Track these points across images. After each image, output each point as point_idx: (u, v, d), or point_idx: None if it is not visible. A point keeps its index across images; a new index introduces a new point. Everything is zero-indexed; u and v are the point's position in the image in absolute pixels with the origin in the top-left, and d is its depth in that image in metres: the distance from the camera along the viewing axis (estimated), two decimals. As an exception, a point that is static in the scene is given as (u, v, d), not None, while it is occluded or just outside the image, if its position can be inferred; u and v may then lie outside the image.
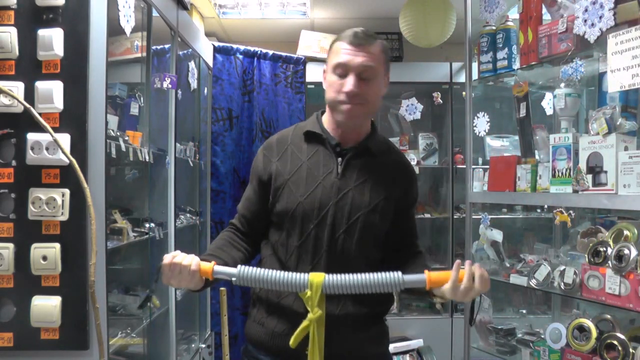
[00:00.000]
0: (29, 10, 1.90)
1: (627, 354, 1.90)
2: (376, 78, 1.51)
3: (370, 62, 1.48)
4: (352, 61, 1.48)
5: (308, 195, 1.50)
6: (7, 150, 1.91)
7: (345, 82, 1.48)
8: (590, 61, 2.10)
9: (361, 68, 1.47)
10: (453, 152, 4.14)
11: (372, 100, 1.52)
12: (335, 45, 1.53)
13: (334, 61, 1.52)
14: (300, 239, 1.50)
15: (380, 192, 1.53)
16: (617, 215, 2.19)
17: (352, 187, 1.51)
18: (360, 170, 1.53)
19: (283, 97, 3.76)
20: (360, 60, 1.47)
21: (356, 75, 1.48)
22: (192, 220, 3.36)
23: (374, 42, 1.50)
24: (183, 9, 2.94)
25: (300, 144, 1.58)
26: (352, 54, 1.48)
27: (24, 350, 1.91)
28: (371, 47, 1.49)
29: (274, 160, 1.57)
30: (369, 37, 1.50)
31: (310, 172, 1.52)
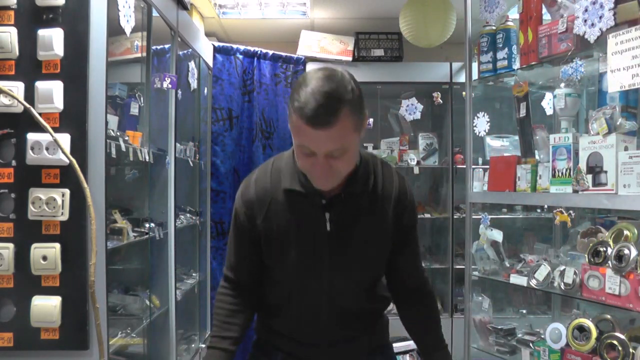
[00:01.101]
0: (29, 10, 1.91)
1: (627, 354, 1.90)
2: (348, 150, 1.28)
3: (337, 144, 1.25)
4: (316, 146, 1.25)
5: (301, 255, 1.41)
6: (7, 150, 1.91)
7: (314, 161, 1.28)
8: (590, 61, 2.10)
9: (329, 151, 1.26)
10: (453, 152, 4.14)
11: (347, 170, 1.34)
12: (295, 118, 1.24)
13: (296, 139, 1.28)
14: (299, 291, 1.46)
15: (375, 232, 1.43)
16: (617, 215, 2.19)
17: (345, 238, 1.40)
18: (350, 219, 1.40)
19: (283, 97, 3.76)
20: (325, 146, 1.25)
21: (324, 156, 1.27)
22: (192, 220, 3.36)
23: (338, 116, 1.21)
24: (183, 9, 2.94)
25: (282, 201, 1.41)
26: (315, 138, 1.23)
27: (24, 350, 1.91)
28: (336, 125, 1.22)
29: (258, 221, 1.42)
30: (330, 112, 1.21)
31: (300, 231, 1.40)
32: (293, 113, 1.25)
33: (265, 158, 3.68)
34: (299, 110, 1.22)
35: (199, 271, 3.48)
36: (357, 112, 1.27)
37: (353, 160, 1.34)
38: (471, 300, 2.64)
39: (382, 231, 1.44)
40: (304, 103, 1.21)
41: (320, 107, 1.20)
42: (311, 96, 1.21)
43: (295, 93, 1.25)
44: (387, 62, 4.16)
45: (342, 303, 1.46)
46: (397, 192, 1.46)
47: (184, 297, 3.11)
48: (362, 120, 1.31)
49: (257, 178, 1.45)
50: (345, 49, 4.10)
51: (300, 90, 1.24)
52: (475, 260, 2.62)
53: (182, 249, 3.17)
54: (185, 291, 3.15)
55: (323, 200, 1.39)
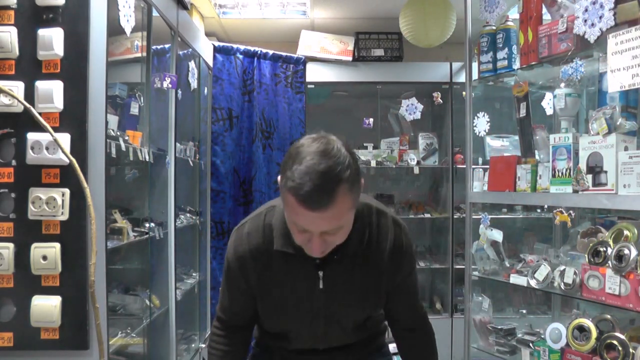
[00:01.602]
0: (29, 10, 1.91)
1: (627, 354, 1.90)
2: (344, 227, 1.25)
3: (334, 224, 1.20)
4: (311, 227, 1.20)
5: (295, 311, 1.42)
6: (7, 150, 1.91)
7: (308, 237, 1.23)
8: (590, 61, 2.10)
9: (323, 230, 1.22)
10: (453, 152, 4.14)
11: (342, 240, 1.29)
12: (289, 197, 1.17)
13: (290, 217, 1.23)
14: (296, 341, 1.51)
15: (368, 286, 1.41)
16: (617, 215, 2.18)
17: (339, 294, 1.39)
18: (342, 277, 1.38)
19: (283, 97, 3.76)
20: (320, 226, 1.20)
21: (320, 234, 1.22)
22: (192, 220, 3.36)
23: (335, 197, 1.15)
24: (183, 8, 2.94)
25: (274, 259, 1.38)
26: (311, 219, 1.17)
27: (24, 350, 1.91)
28: (332, 206, 1.15)
29: (252, 278, 1.40)
30: (327, 194, 1.14)
31: (294, 289, 1.39)
32: (287, 192, 1.16)
33: (265, 158, 3.68)
34: (293, 190, 1.15)
35: (199, 271, 3.48)
36: (354, 188, 1.19)
37: (347, 233, 1.29)
38: (471, 300, 2.64)
39: (376, 284, 1.42)
40: (299, 184, 1.13)
41: (316, 188, 1.13)
42: (306, 176, 1.13)
43: (289, 170, 1.16)
44: (387, 62, 4.17)
45: (338, 342, 1.50)
46: (392, 246, 1.40)
47: (184, 297, 3.11)
48: (359, 193, 1.25)
49: (249, 233, 1.40)
50: (345, 49, 4.10)
51: (294, 167, 1.15)
52: (475, 260, 2.62)
53: (182, 248, 3.17)
54: (185, 291, 3.15)
55: (317, 260, 1.35)
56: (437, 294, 4.35)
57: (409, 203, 4.46)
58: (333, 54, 4.08)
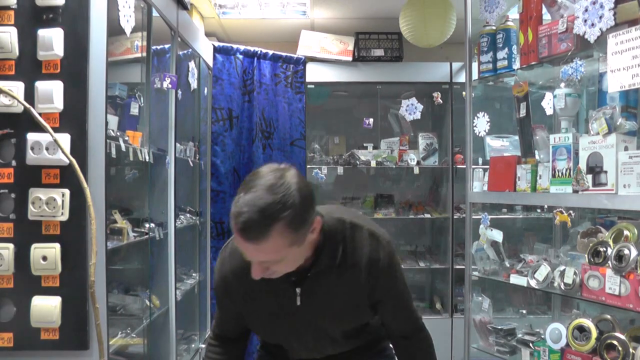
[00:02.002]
0: (29, 10, 1.90)
1: (627, 354, 1.90)
2: (285, 260, 1.25)
3: (269, 257, 1.22)
4: (248, 255, 1.24)
5: (279, 326, 1.46)
6: (7, 150, 1.91)
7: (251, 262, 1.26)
8: (590, 61, 2.10)
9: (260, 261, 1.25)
10: (453, 152, 4.14)
11: (288, 269, 1.30)
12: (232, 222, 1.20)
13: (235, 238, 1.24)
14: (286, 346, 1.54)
15: (347, 301, 1.41)
16: (617, 215, 2.19)
17: (318, 310, 1.40)
18: (319, 291, 1.39)
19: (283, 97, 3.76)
20: (256, 257, 1.23)
21: (259, 263, 1.25)
22: (192, 220, 3.36)
23: (268, 234, 1.16)
24: (183, 9, 2.94)
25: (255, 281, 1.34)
26: (246, 247, 1.21)
27: (24, 350, 1.91)
28: (265, 242, 1.17)
29: (237, 298, 1.44)
30: (260, 229, 1.16)
31: (275, 308, 1.42)
32: (230, 215, 1.20)
33: (265, 158, 3.68)
34: (233, 217, 1.18)
35: (199, 271, 3.48)
36: (294, 228, 1.19)
37: (293, 264, 1.29)
38: (471, 300, 2.64)
39: (355, 298, 1.41)
40: (238, 212, 1.16)
41: (251, 222, 1.15)
42: (246, 207, 1.15)
43: (238, 194, 1.19)
44: (387, 62, 4.17)
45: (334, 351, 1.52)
46: (368, 260, 1.38)
47: (184, 297, 3.11)
48: (304, 233, 1.24)
49: (230, 253, 1.42)
50: (345, 49, 4.10)
51: (241, 194, 1.18)
52: (475, 260, 2.62)
53: (182, 249, 3.17)
54: (185, 291, 3.15)
55: (292, 278, 1.36)
56: (437, 294, 4.36)
57: (409, 203, 4.46)
58: (333, 54, 4.08)
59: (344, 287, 1.38)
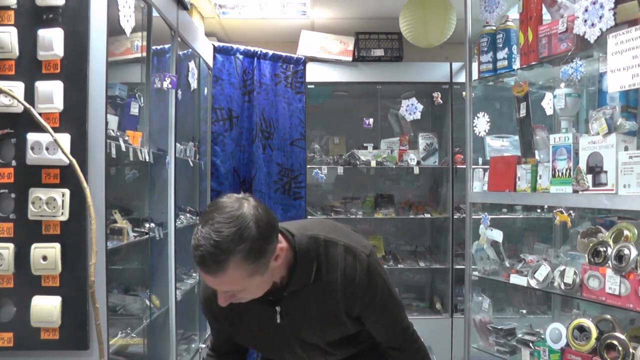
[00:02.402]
0: (29, 10, 1.91)
1: (627, 354, 1.90)
2: (247, 289, 1.26)
3: (228, 288, 1.24)
4: (209, 284, 1.27)
5: (265, 342, 1.48)
6: (7, 150, 1.91)
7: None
8: (590, 61, 2.10)
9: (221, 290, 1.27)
10: (453, 152, 4.14)
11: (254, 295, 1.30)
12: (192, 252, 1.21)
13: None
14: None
15: (328, 316, 1.41)
16: (617, 215, 2.18)
17: (299, 325, 1.42)
18: (298, 308, 1.39)
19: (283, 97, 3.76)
20: (217, 287, 1.26)
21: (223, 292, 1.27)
22: (192, 220, 3.36)
23: (225, 267, 1.17)
24: (183, 9, 2.94)
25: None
26: (205, 278, 1.23)
27: (24, 350, 1.91)
28: (222, 275, 1.18)
29: (220, 318, 1.47)
30: (216, 262, 1.16)
31: (257, 326, 1.44)
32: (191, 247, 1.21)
33: (265, 158, 3.68)
34: (192, 247, 1.19)
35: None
36: (252, 259, 1.19)
37: (259, 291, 1.30)
38: (471, 300, 2.64)
39: (335, 312, 1.40)
40: (196, 245, 1.17)
41: (208, 255, 1.16)
42: (204, 240, 1.16)
43: (199, 224, 1.20)
44: (387, 62, 4.17)
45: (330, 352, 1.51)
46: (343, 276, 1.37)
47: (184, 297, 3.11)
48: (264, 263, 1.23)
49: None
50: (345, 49, 4.10)
51: (200, 226, 1.19)
52: (475, 260, 2.62)
53: (182, 249, 3.16)
54: (185, 291, 3.15)
55: (270, 297, 1.36)
56: (437, 294, 4.35)
57: (409, 203, 4.46)
58: (333, 54, 4.07)
59: (321, 303, 1.39)
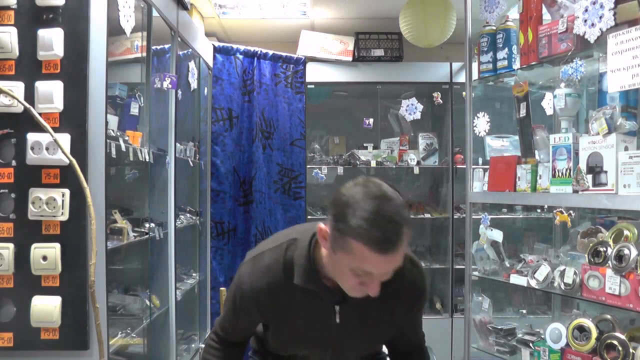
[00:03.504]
0: (29, 10, 1.91)
1: (627, 354, 1.90)
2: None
3: (399, 263, 1.22)
4: (379, 270, 1.21)
5: (307, 341, 1.45)
6: (7, 150, 1.91)
7: (367, 282, 1.24)
8: (590, 61, 2.10)
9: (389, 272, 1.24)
10: (453, 152, 4.14)
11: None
12: (357, 245, 1.16)
13: (353, 264, 1.20)
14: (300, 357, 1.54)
15: (382, 323, 1.43)
16: (617, 215, 2.19)
17: (353, 329, 1.41)
18: (358, 313, 1.39)
19: (283, 97, 3.76)
20: (388, 269, 1.22)
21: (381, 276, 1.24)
22: (192, 220, 3.36)
23: (404, 235, 1.17)
24: (183, 9, 2.94)
25: (293, 294, 1.38)
26: (380, 263, 1.18)
27: (24, 350, 1.91)
28: (402, 246, 1.17)
29: (266, 311, 1.42)
30: (399, 233, 1.16)
31: (308, 322, 1.41)
32: (353, 240, 1.16)
33: (265, 158, 3.68)
34: (362, 238, 1.15)
35: (199, 271, 3.48)
36: (412, 227, 1.20)
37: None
38: (471, 300, 2.64)
39: (389, 321, 1.44)
40: (369, 231, 1.14)
41: (389, 233, 1.14)
42: (375, 222, 1.14)
43: (350, 216, 1.16)
44: (387, 62, 4.16)
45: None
46: (409, 286, 1.41)
47: (184, 297, 3.11)
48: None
49: (268, 265, 1.38)
50: (345, 49, 4.10)
51: (356, 215, 1.15)
52: (475, 260, 2.62)
53: (182, 249, 3.17)
54: (185, 291, 3.15)
55: (336, 297, 1.36)
56: (437, 294, 4.35)
57: (409, 203, 4.46)
58: (333, 54, 4.07)
59: (381, 308, 1.39)
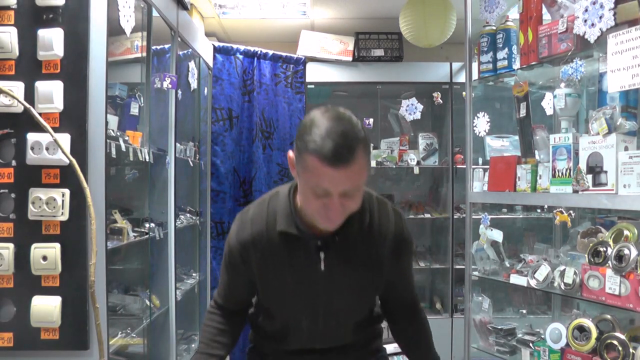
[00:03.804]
0: (29, 10, 1.91)
1: (627, 354, 1.90)
2: (360, 188, 1.29)
3: (355, 182, 1.24)
4: (334, 186, 1.23)
5: (295, 296, 1.44)
6: (7, 150, 1.91)
7: (327, 203, 1.26)
8: (590, 61, 2.10)
9: (345, 190, 1.25)
10: (453, 152, 4.14)
11: (357, 206, 1.32)
12: (309, 158, 1.21)
13: (309, 180, 1.24)
14: (294, 330, 1.50)
15: (369, 272, 1.43)
16: (617, 215, 2.19)
17: (340, 278, 1.41)
18: (344, 260, 1.40)
19: (283, 97, 3.76)
20: (343, 185, 1.23)
21: (339, 196, 1.25)
22: (192, 220, 3.36)
23: (357, 152, 1.21)
24: (183, 9, 2.94)
25: (277, 244, 1.40)
26: (334, 178, 1.21)
27: (24, 350, 1.91)
28: (355, 162, 1.21)
29: (253, 261, 1.42)
30: (351, 147, 1.20)
31: (294, 273, 1.41)
32: (308, 156, 1.21)
33: (265, 158, 3.68)
34: (316, 151, 1.19)
35: (199, 271, 3.48)
36: (368, 151, 1.27)
37: (360, 200, 1.32)
38: (471, 300, 2.64)
39: (377, 271, 1.44)
40: (321, 144, 1.19)
41: (338, 146, 1.19)
42: (328, 137, 1.19)
43: (307, 135, 1.22)
44: (387, 62, 4.17)
45: (336, 341, 1.51)
46: (394, 234, 1.44)
47: (184, 297, 3.11)
48: (369, 164, 1.31)
49: (252, 218, 1.43)
50: (345, 49, 4.10)
51: (312, 133, 1.21)
52: (475, 260, 2.62)
53: (182, 249, 3.17)
54: (185, 291, 3.15)
55: (318, 242, 1.38)
56: (437, 294, 4.36)
57: (409, 203, 4.46)
58: (333, 54, 4.07)
59: (367, 257, 1.42)
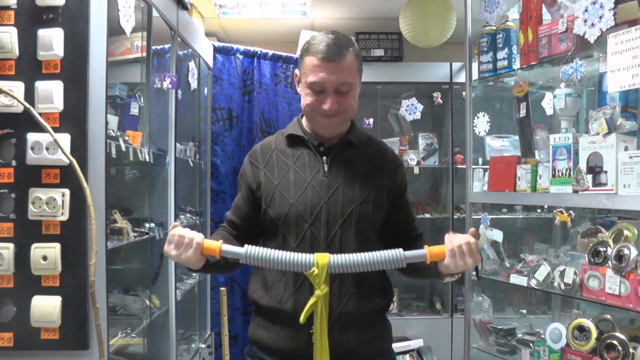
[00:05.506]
0: (29, 10, 1.90)
1: (627, 354, 1.90)
2: (353, 89, 1.51)
3: (346, 78, 1.48)
4: (327, 80, 1.46)
5: (299, 197, 1.50)
6: (7, 150, 1.91)
7: (323, 99, 1.48)
8: (590, 61, 2.10)
9: (338, 85, 1.47)
10: (453, 152, 4.14)
11: (350, 109, 1.53)
12: (307, 59, 1.49)
13: (308, 79, 1.49)
14: (297, 240, 1.50)
15: (369, 183, 1.55)
16: (617, 215, 2.19)
17: (341, 182, 1.52)
18: (346, 164, 1.55)
19: (283, 97, 3.76)
20: (335, 78, 1.47)
21: (333, 92, 1.48)
22: (192, 220, 3.36)
23: (347, 52, 1.48)
24: (183, 9, 2.94)
25: (284, 148, 1.60)
26: (327, 71, 1.46)
27: (24, 350, 1.91)
28: (345, 60, 1.47)
29: (260, 167, 1.59)
30: (341, 47, 1.47)
31: (298, 175, 1.53)
32: (307, 56, 1.49)
33: (265, 158, 3.69)
34: (312, 50, 1.47)
35: (199, 271, 3.47)
36: (359, 58, 1.53)
37: (355, 102, 1.53)
38: (471, 300, 2.64)
39: (378, 182, 1.56)
40: (317, 44, 1.47)
41: (332, 45, 1.46)
42: (322, 40, 1.47)
43: (306, 44, 1.50)
44: (387, 62, 4.17)
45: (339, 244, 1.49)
46: (392, 155, 1.64)
47: (184, 297, 3.11)
48: (361, 69, 1.56)
49: (266, 139, 1.69)
50: (345, 49, 4.10)
51: (312, 41, 1.49)
52: (476, 260, 2.62)
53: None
54: (185, 291, 3.15)
55: (321, 147, 1.56)
56: (437, 294, 4.35)
57: (409, 203, 4.45)
58: (333, 54, 4.07)
59: (369, 167, 1.57)
